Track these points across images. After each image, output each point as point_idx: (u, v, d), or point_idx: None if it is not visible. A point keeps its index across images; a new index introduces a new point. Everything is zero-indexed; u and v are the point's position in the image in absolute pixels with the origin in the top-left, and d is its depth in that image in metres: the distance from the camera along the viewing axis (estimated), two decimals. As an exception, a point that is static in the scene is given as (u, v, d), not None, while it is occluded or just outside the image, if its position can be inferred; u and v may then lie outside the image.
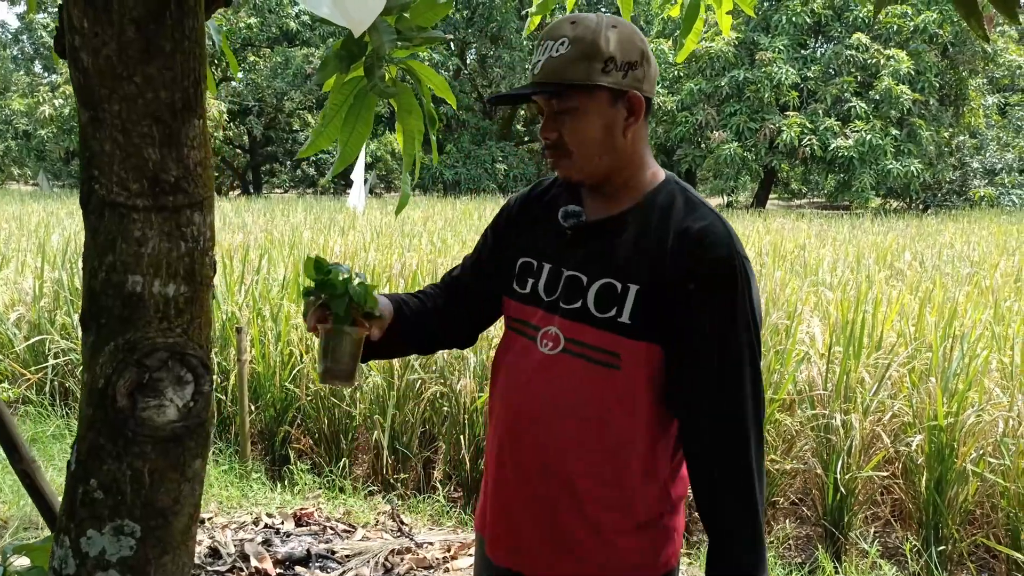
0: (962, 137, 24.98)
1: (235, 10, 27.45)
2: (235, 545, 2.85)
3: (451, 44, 30.71)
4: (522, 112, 32.42)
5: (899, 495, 3.39)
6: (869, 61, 22.61)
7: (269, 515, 3.21)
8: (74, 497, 0.97)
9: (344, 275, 1.30)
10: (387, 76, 1.50)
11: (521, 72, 29.33)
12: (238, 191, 31.45)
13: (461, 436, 3.59)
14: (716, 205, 23.63)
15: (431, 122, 1.44)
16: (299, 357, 3.97)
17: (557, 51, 1.20)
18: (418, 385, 3.76)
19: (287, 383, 3.90)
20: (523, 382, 1.28)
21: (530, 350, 1.28)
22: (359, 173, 11.32)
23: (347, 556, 2.82)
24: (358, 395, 3.80)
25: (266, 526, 3.08)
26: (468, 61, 32.16)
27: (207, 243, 0.98)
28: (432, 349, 1.52)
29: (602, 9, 30.62)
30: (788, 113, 22.85)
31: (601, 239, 1.26)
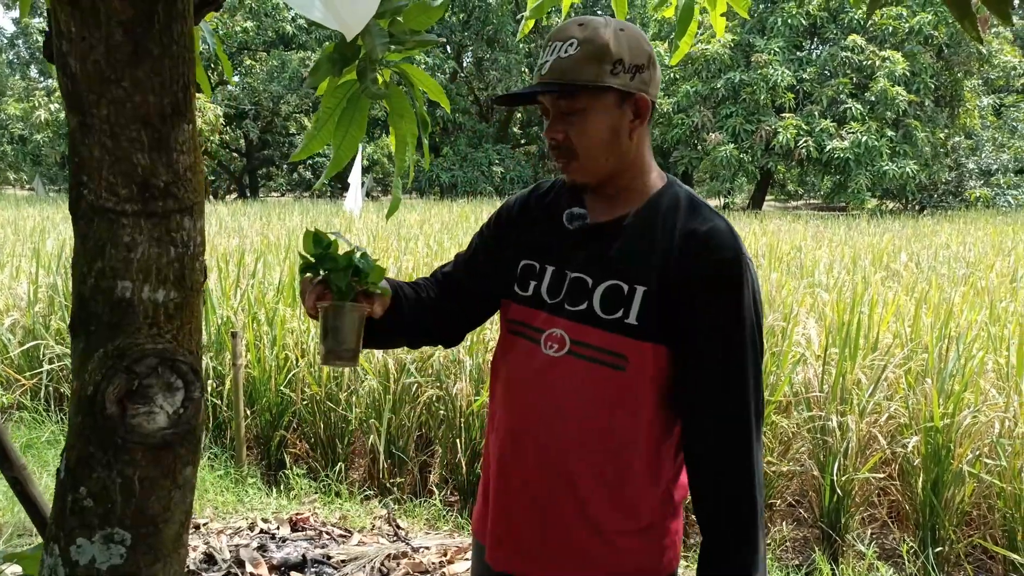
0: (958, 138, 25.06)
1: (231, 14, 27.45)
2: (230, 551, 2.83)
3: (447, 47, 30.74)
4: (519, 115, 32.46)
5: (896, 496, 3.39)
6: (864, 63, 22.68)
7: (265, 520, 3.19)
8: (63, 505, 0.96)
9: (345, 248, 1.26)
10: (380, 80, 1.49)
11: (517, 75, 29.36)
12: (235, 195, 31.43)
13: (457, 440, 3.58)
14: (713, 207, 23.58)
15: (424, 126, 1.43)
16: (295, 361, 3.96)
17: (566, 51, 1.20)
18: (414, 389, 3.75)
19: (283, 387, 3.89)
20: (526, 384, 1.28)
21: (533, 353, 1.27)
22: (356, 176, 11.27)
23: (343, 561, 2.81)
24: (354, 399, 3.79)
25: (262, 531, 3.07)
26: (464, 64, 32.19)
27: (197, 248, 0.98)
28: (419, 343, 1.49)
29: (599, 12, 30.67)
30: (784, 115, 22.91)
31: (606, 241, 1.26)
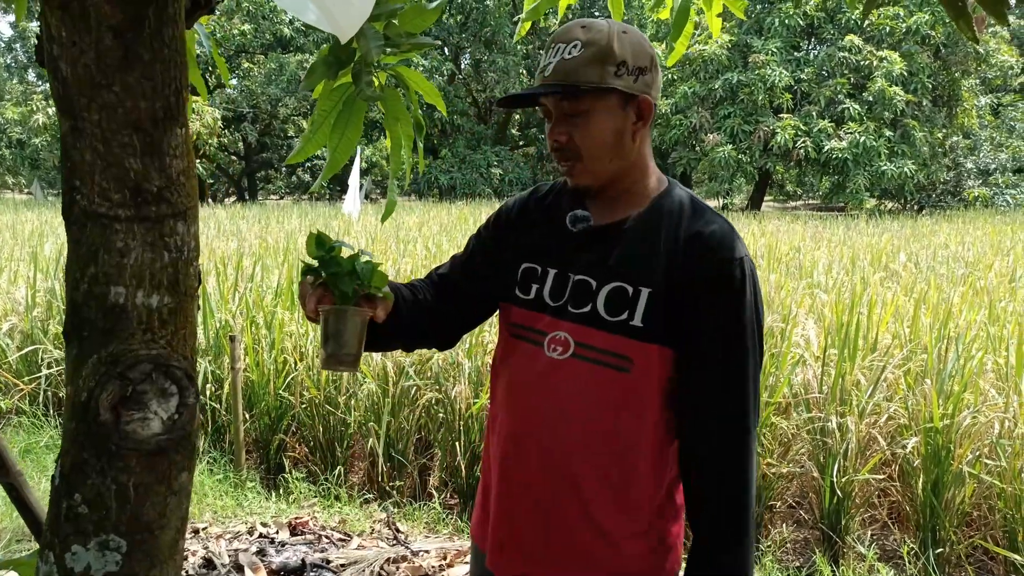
0: (956, 138, 25.08)
1: (228, 17, 27.45)
2: (229, 555, 2.83)
3: (445, 49, 30.75)
4: (517, 117, 32.47)
5: (896, 498, 3.38)
6: (862, 63, 22.70)
7: (264, 524, 3.19)
8: (58, 512, 0.96)
9: (348, 252, 1.25)
10: (376, 82, 1.49)
11: (515, 76, 29.37)
12: (233, 198, 31.43)
13: (457, 443, 3.57)
14: (714, 209, 23.57)
15: (419, 129, 1.43)
16: (293, 365, 3.95)
17: (570, 53, 1.20)
18: (413, 392, 3.74)
19: (281, 391, 3.88)
20: (528, 387, 1.28)
21: (536, 356, 1.27)
22: (355, 179, 11.27)
23: (342, 565, 2.80)
24: (353, 402, 3.78)
25: (261, 535, 3.07)
26: (462, 66, 32.20)
27: (191, 253, 0.97)
28: (415, 346, 1.48)
29: (596, 14, 30.69)
30: (782, 115, 22.93)
31: (609, 243, 1.26)
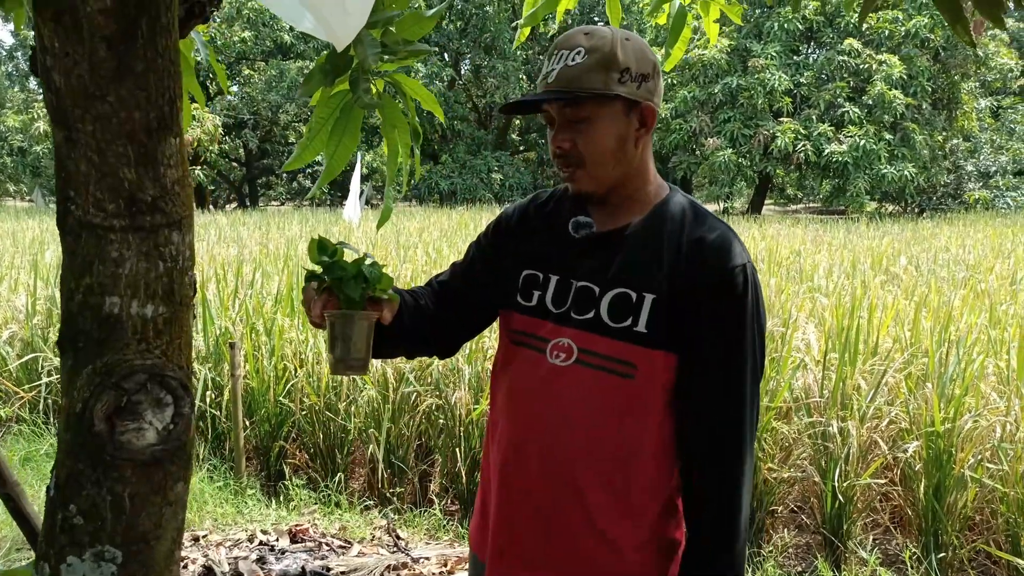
0: (956, 140, 25.09)
1: (229, 24, 27.52)
2: (229, 563, 2.82)
3: (445, 55, 30.82)
4: (517, 122, 32.51)
5: (898, 502, 3.37)
6: (861, 66, 22.72)
7: (264, 532, 3.18)
8: (53, 523, 0.96)
9: (351, 255, 1.24)
10: (373, 90, 1.49)
11: (515, 82, 29.41)
12: (234, 204, 31.47)
13: (457, 449, 3.57)
14: (712, 211, 23.58)
15: (416, 136, 1.43)
16: (293, 371, 3.94)
17: (573, 60, 1.20)
18: (413, 398, 3.74)
19: (281, 398, 3.88)
20: (531, 394, 1.28)
21: (539, 362, 1.27)
22: (355, 184, 11.28)
23: (342, 573, 2.80)
24: (353, 408, 3.78)
25: (261, 543, 3.06)
26: (462, 71, 32.26)
27: (186, 263, 0.97)
28: (417, 352, 1.47)
29: (595, 19, 30.74)
30: (782, 119, 22.94)
31: (612, 249, 1.26)
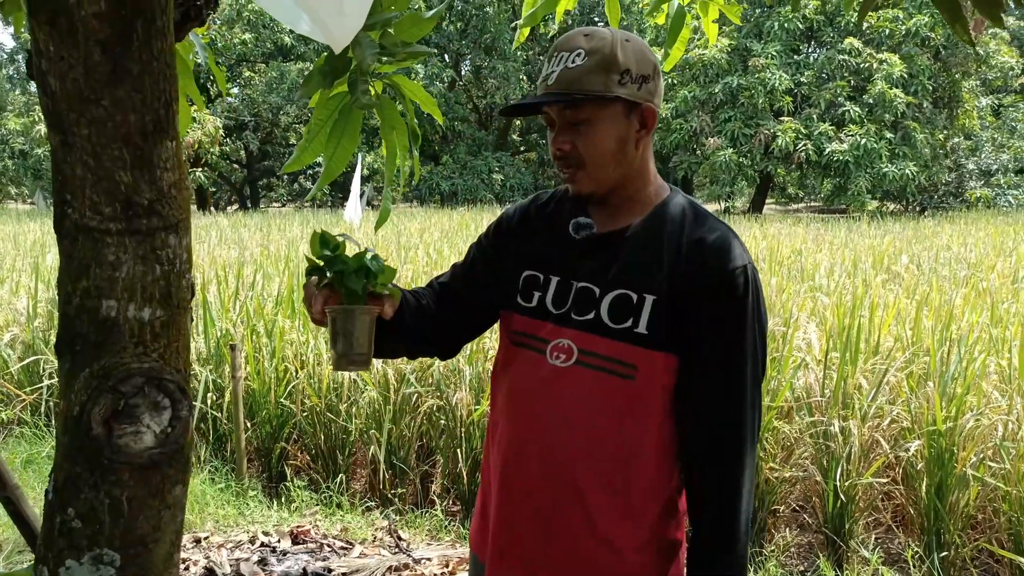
0: (957, 139, 25.06)
1: (229, 26, 27.54)
2: (231, 565, 2.82)
3: (445, 56, 30.82)
4: (518, 122, 32.50)
5: (900, 501, 3.37)
6: (862, 65, 22.70)
7: (266, 533, 3.18)
8: (52, 526, 0.96)
9: (353, 249, 1.24)
10: (372, 91, 1.49)
11: (516, 82, 29.41)
12: (235, 206, 31.49)
13: (458, 449, 3.56)
14: (713, 211, 23.47)
15: (415, 138, 1.43)
16: (294, 373, 3.95)
17: (573, 62, 1.20)
18: (414, 399, 3.74)
19: (283, 399, 3.88)
20: (531, 395, 1.27)
21: (539, 363, 1.27)
22: (356, 185, 11.30)
23: (344, 574, 2.80)
24: (354, 410, 3.78)
25: (262, 544, 3.06)
26: (463, 72, 32.27)
27: (183, 266, 0.97)
28: (418, 352, 1.46)
29: (595, 19, 30.74)
30: (782, 118, 22.92)
31: (612, 250, 1.26)
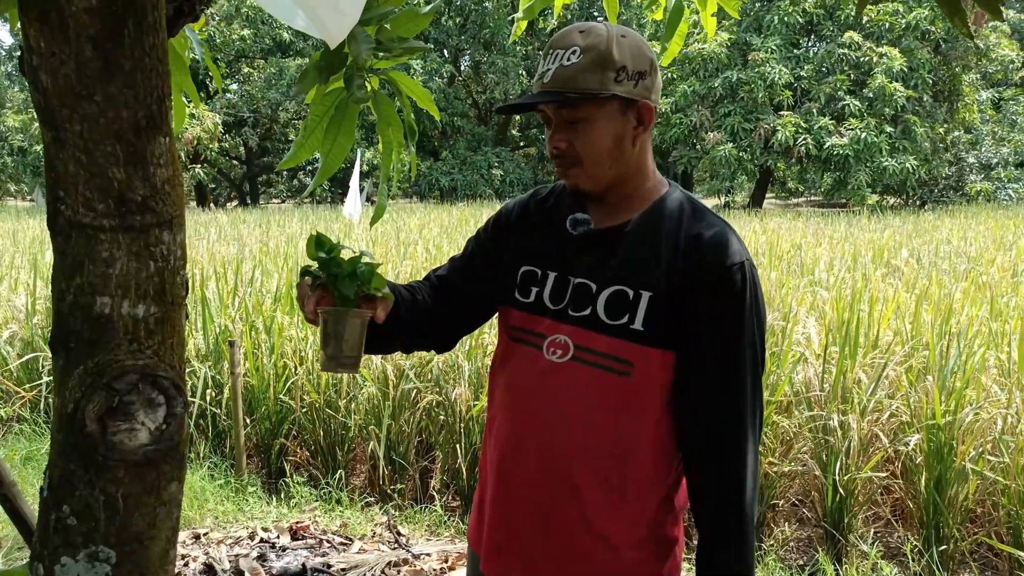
0: (957, 133, 25.02)
1: (228, 22, 27.48)
2: (230, 561, 2.82)
3: (444, 51, 30.76)
4: (518, 118, 32.45)
5: (899, 495, 3.37)
6: (862, 59, 22.65)
7: (265, 529, 3.18)
8: (47, 524, 0.96)
9: (348, 253, 1.24)
10: (368, 87, 1.48)
11: (515, 77, 29.36)
12: (235, 202, 31.47)
13: (457, 445, 3.57)
14: (713, 206, 23.56)
15: (411, 133, 1.42)
16: (293, 369, 3.95)
17: (569, 60, 1.19)
18: (413, 394, 3.74)
19: (282, 395, 3.88)
20: (528, 390, 1.27)
21: (536, 358, 1.26)
22: (355, 181, 11.27)
23: (343, 570, 2.80)
24: (353, 406, 3.78)
25: (262, 541, 3.06)
26: (462, 68, 32.21)
27: (178, 262, 0.97)
28: (414, 347, 1.46)
29: (595, 13, 30.67)
30: (782, 113, 22.88)
31: (610, 246, 1.25)
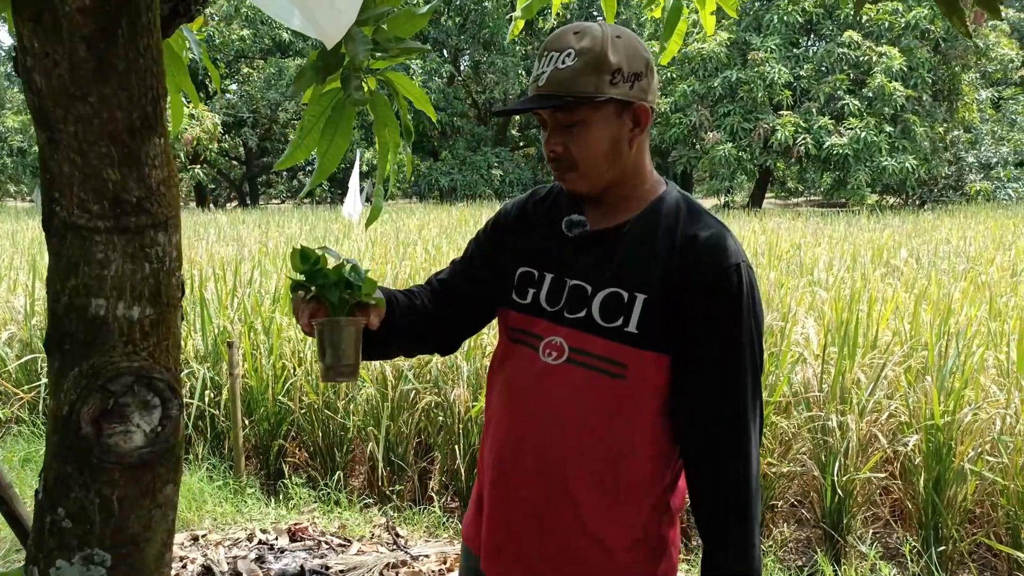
0: (956, 132, 25.02)
1: (227, 22, 27.47)
2: (228, 563, 2.82)
3: (444, 51, 30.76)
4: (517, 118, 32.46)
5: (898, 495, 3.37)
6: (861, 58, 22.65)
7: (263, 531, 3.18)
8: (42, 526, 0.95)
9: (335, 261, 1.24)
10: (365, 88, 1.48)
11: (514, 77, 29.35)
12: (235, 203, 31.47)
13: (456, 446, 3.56)
14: (713, 206, 23.63)
15: (407, 134, 1.42)
16: (292, 370, 3.94)
17: (563, 62, 1.18)
18: (412, 395, 3.74)
19: (280, 396, 3.87)
20: (525, 391, 1.27)
21: (532, 359, 1.27)
22: (355, 181, 11.26)
23: (342, 571, 2.80)
24: (352, 407, 3.77)
25: (260, 542, 3.06)
26: (462, 68, 32.20)
27: (173, 263, 0.96)
28: (415, 351, 1.47)
29: (594, 13, 30.67)
30: (782, 112, 22.88)
31: (606, 248, 1.25)
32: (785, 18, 23.29)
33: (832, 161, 22.39)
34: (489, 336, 3.91)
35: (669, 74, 24.31)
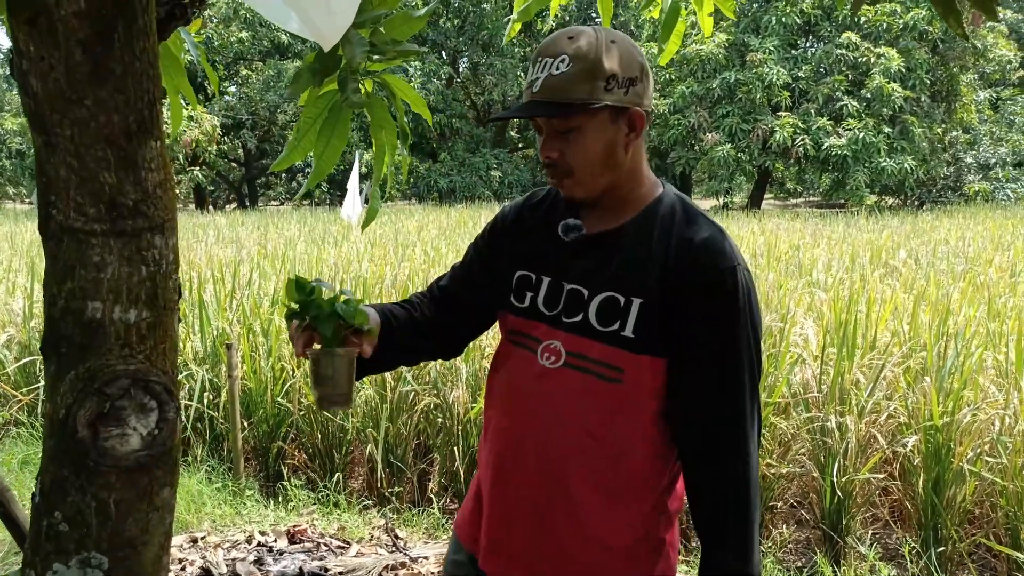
0: (955, 133, 25.04)
1: (226, 24, 27.48)
2: (227, 565, 2.82)
3: (443, 53, 30.77)
4: (515, 120, 32.46)
5: (897, 496, 3.37)
6: (860, 59, 22.67)
7: (262, 533, 3.18)
8: (39, 530, 0.95)
9: (328, 293, 1.25)
10: (362, 90, 1.48)
11: (513, 79, 29.36)
12: (234, 204, 31.46)
13: (455, 448, 3.56)
14: (712, 207, 23.65)
15: (403, 137, 1.42)
16: (291, 372, 3.94)
17: (557, 68, 1.18)
18: (411, 397, 3.74)
19: (279, 398, 3.87)
20: (526, 391, 1.28)
21: (530, 362, 1.27)
22: (354, 183, 11.25)
23: (341, 573, 2.79)
24: (351, 408, 3.77)
25: (259, 544, 3.05)
26: (460, 69, 32.21)
27: (170, 266, 0.97)
28: (419, 361, 1.51)
29: (592, 15, 30.68)
30: (780, 113, 22.89)
31: (602, 252, 1.25)
32: (783, 19, 23.30)
33: (831, 162, 22.41)
34: (488, 338, 3.90)
35: (668, 75, 24.32)
